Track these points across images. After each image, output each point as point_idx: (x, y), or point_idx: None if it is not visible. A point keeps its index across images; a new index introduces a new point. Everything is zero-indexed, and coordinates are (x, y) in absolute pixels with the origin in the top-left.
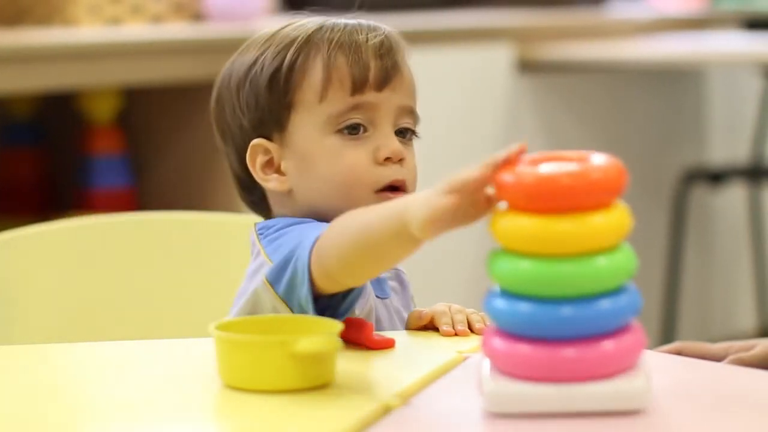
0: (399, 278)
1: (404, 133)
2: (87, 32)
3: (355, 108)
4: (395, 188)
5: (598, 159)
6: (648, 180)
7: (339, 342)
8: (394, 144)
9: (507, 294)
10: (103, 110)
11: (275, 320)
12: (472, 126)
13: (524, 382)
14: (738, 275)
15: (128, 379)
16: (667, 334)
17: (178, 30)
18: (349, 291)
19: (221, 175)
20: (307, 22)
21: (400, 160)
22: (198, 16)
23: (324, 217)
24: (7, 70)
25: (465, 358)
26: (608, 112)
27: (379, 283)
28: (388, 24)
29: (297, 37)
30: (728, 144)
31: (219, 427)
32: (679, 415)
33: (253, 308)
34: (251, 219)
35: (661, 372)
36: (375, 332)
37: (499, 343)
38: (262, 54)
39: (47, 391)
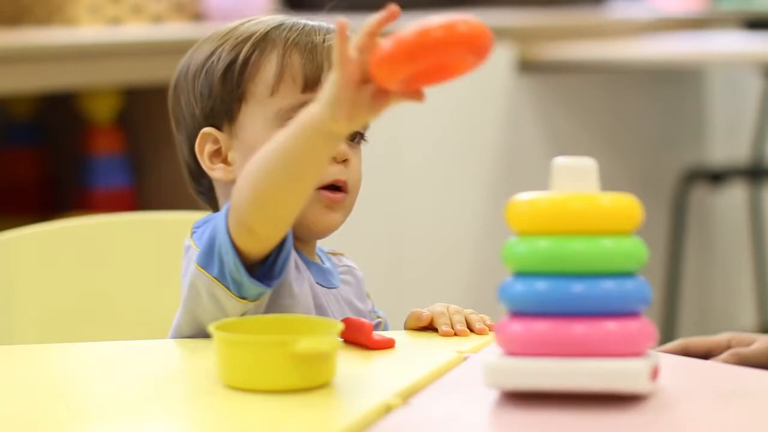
0: (352, 273)
1: (353, 137)
2: (87, 32)
3: (305, 105)
4: (336, 188)
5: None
6: (648, 180)
7: (339, 342)
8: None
9: (522, 276)
10: (103, 110)
11: (275, 320)
12: (472, 126)
13: (528, 358)
14: (738, 275)
15: (128, 379)
16: (667, 333)
17: (178, 30)
18: (278, 253)
19: None
20: (268, 19)
21: (344, 161)
22: (198, 16)
23: None
24: (7, 70)
25: (465, 358)
26: (608, 112)
27: (323, 273)
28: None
29: (255, 33)
30: (728, 144)
31: (219, 427)
32: (679, 415)
33: (193, 305)
34: None
35: (663, 371)
36: (375, 332)
37: (514, 326)
38: (220, 46)
39: (47, 391)
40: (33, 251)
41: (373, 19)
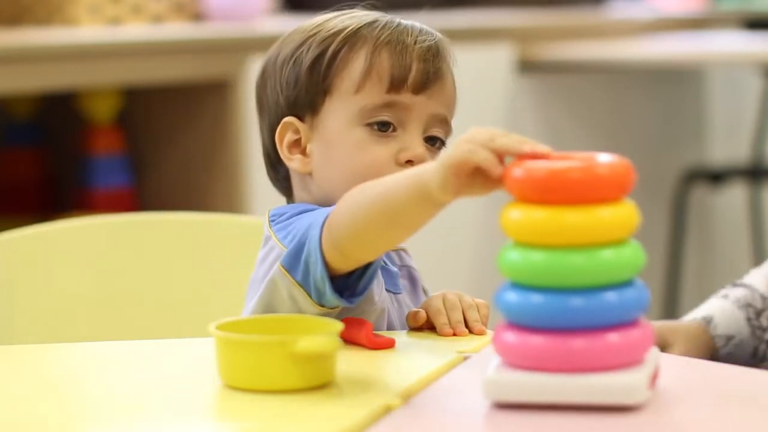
0: (410, 276)
1: (433, 141)
2: (87, 32)
3: (388, 106)
4: None
5: (606, 157)
6: (648, 180)
7: (339, 342)
8: (418, 148)
9: (518, 286)
10: (103, 110)
11: (275, 320)
12: (472, 126)
13: (526, 372)
14: (738, 275)
15: (128, 379)
16: None
17: (178, 30)
18: (364, 271)
19: (221, 175)
20: (362, 14)
21: None
22: (198, 16)
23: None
24: (7, 70)
25: (465, 358)
26: (608, 112)
27: (391, 278)
28: None
29: (347, 27)
30: (728, 144)
31: (219, 427)
32: (678, 417)
33: (270, 298)
34: (251, 219)
35: (663, 371)
36: (375, 332)
37: (510, 336)
38: (311, 37)
39: (47, 391)
40: (33, 251)
41: (533, 145)
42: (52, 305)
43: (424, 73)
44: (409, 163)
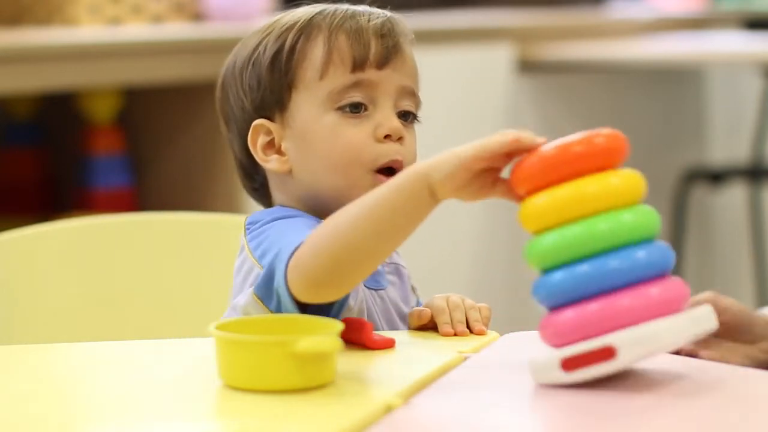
0: (398, 272)
1: (406, 116)
2: (87, 32)
3: (356, 85)
4: (392, 171)
5: (592, 131)
6: (648, 180)
7: (339, 342)
8: (394, 122)
9: (555, 269)
10: (103, 110)
11: (275, 320)
12: (472, 126)
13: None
14: (738, 275)
15: (128, 379)
16: None
17: (178, 30)
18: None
19: (221, 175)
20: (309, 7)
21: (400, 139)
22: (198, 16)
23: (322, 198)
24: (7, 70)
25: (465, 358)
26: (608, 112)
27: (372, 274)
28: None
29: (299, 20)
30: (728, 144)
31: (219, 427)
32: (681, 414)
33: (246, 311)
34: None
35: (665, 370)
36: (375, 332)
37: (566, 313)
38: (265, 38)
39: (47, 391)
40: (33, 251)
41: (530, 136)
42: (52, 305)
43: (384, 47)
44: (388, 138)
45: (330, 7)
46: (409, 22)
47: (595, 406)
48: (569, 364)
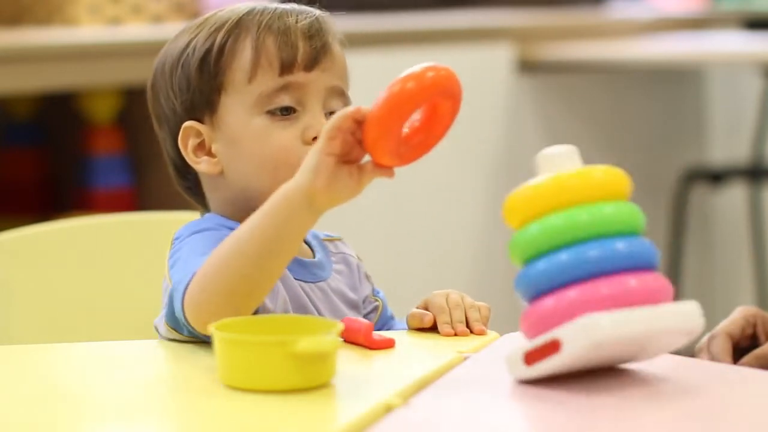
0: (345, 261)
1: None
2: (87, 32)
3: (284, 88)
4: None
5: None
6: (648, 180)
7: (339, 342)
8: (322, 124)
9: (536, 259)
10: (103, 110)
11: (275, 320)
12: (472, 126)
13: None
14: (738, 275)
15: (128, 379)
16: None
17: (178, 30)
18: None
19: None
20: (238, 6)
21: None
22: (198, 16)
23: (253, 200)
24: (7, 70)
25: (465, 358)
26: (608, 112)
27: (305, 268)
28: (390, 24)
29: (227, 20)
30: (728, 144)
31: (219, 427)
32: (681, 414)
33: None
34: None
35: (665, 371)
36: (375, 332)
37: (546, 302)
38: (194, 38)
39: (47, 391)
40: (33, 251)
41: (353, 108)
42: (52, 305)
43: (312, 49)
44: (316, 140)
45: (258, 7)
46: (410, 22)
47: (595, 406)
48: (529, 357)
